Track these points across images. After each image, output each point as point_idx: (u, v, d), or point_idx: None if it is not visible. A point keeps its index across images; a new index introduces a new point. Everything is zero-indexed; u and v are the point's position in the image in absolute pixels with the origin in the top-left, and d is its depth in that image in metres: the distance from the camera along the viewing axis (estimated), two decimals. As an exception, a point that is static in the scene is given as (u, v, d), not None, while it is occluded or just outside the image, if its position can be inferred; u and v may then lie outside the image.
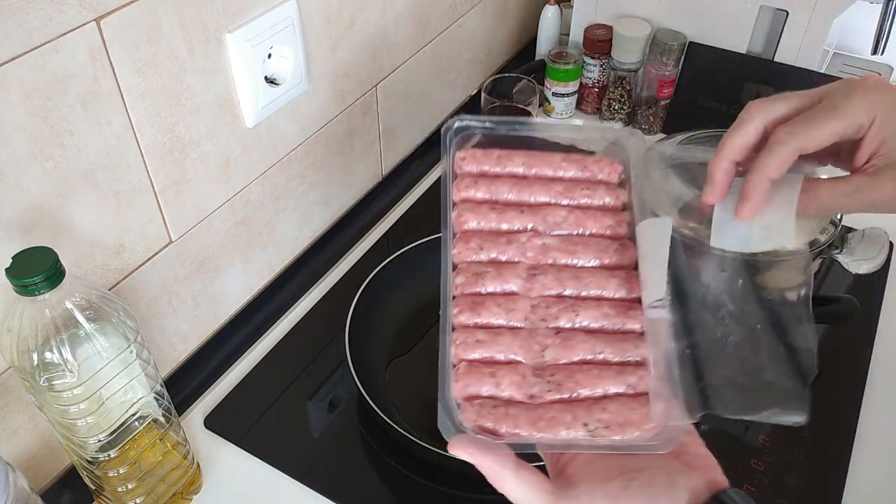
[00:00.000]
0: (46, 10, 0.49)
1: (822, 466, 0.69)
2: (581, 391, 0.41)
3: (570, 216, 0.48)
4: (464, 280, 0.46)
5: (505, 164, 0.50)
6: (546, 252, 0.47)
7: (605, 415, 0.40)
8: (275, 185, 0.79)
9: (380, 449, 0.70)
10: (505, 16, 1.18)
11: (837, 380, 0.77)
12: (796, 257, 0.75)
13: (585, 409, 0.40)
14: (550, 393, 0.41)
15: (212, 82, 0.65)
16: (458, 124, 0.51)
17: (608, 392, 0.41)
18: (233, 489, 0.68)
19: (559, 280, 0.46)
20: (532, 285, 0.46)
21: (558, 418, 0.40)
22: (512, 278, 0.46)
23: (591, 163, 0.51)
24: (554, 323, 0.44)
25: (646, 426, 0.40)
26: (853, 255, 0.76)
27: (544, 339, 0.43)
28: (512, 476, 0.38)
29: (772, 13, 0.97)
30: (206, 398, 0.75)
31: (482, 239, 0.47)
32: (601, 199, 0.50)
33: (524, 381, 0.42)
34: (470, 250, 0.47)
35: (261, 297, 0.84)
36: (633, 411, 0.40)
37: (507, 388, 0.41)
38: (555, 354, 0.43)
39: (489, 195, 0.49)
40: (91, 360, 0.52)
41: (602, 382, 0.41)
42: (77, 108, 0.54)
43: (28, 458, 0.62)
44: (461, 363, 0.42)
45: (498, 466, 0.38)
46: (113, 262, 0.63)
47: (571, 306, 0.45)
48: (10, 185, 0.52)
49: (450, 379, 0.42)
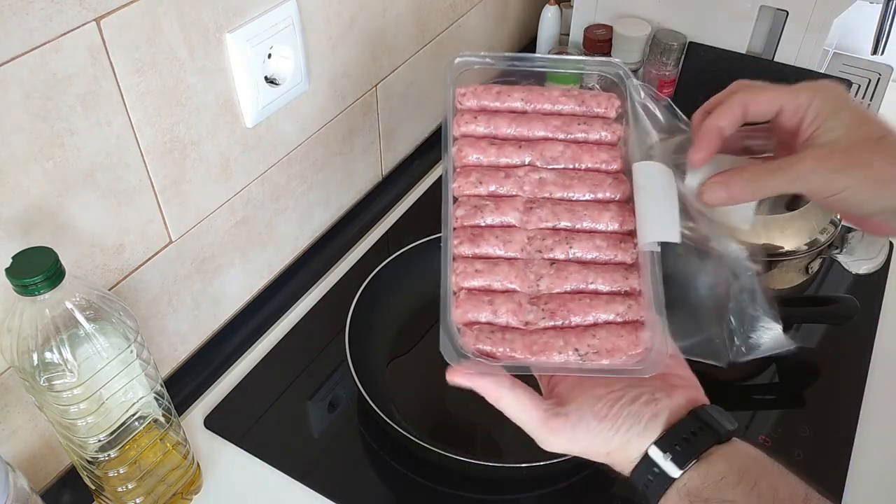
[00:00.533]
0: (46, 10, 0.49)
1: (822, 466, 0.69)
2: (573, 318, 0.44)
3: (566, 150, 0.50)
4: (464, 213, 0.48)
5: (504, 99, 0.52)
6: (542, 186, 0.49)
7: (595, 341, 0.43)
8: (275, 185, 0.79)
9: (380, 449, 0.70)
10: (505, 16, 1.18)
11: (837, 380, 0.77)
12: (795, 258, 0.75)
13: (576, 335, 0.43)
14: (544, 320, 0.44)
15: (212, 82, 0.65)
16: (458, 60, 0.53)
17: (598, 320, 0.44)
18: (233, 489, 0.68)
19: (554, 213, 0.48)
20: (528, 218, 0.48)
21: (551, 343, 0.43)
22: (509, 211, 0.48)
23: (588, 97, 0.52)
24: (549, 254, 0.47)
25: (632, 352, 0.43)
26: (853, 255, 0.76)
27: (539, 270, 0.46)
28: (509, 393, 0.42)
29: (772, 13, 0.97)
30: (206, 398, 0.75)
31: (481, 173, 0.49)
32: (597, 133, 0.51)
33: (520, 308, 0.44)
34: (469, 184, 0.49)
35: (261, 297, 0.84)
36: (621, 338, 0.43)
37: (504, 314, 0.44)
38: (549, 284, 0.45)
39: (488, 130, 0.51)
40: (91, 360, 0.52)
41: (592, 311, 0.44)
42: (77, 108, 0.54)
43: (28, 458, 0.62)
44: (461, 291, 0.45)
45: (496, 385, 0.42)
46: (113, 262, 0.63)
47: (566, 238, 0.47)
48: (10, 185, 0.52)
49: (451, 305, 0.44)
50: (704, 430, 0.40)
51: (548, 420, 0.41)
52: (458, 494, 0.67)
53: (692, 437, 0.40)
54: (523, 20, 1.24)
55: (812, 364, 0.80)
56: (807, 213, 0.76)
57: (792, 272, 0.78)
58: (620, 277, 0.46)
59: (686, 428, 0.41)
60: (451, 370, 0.42)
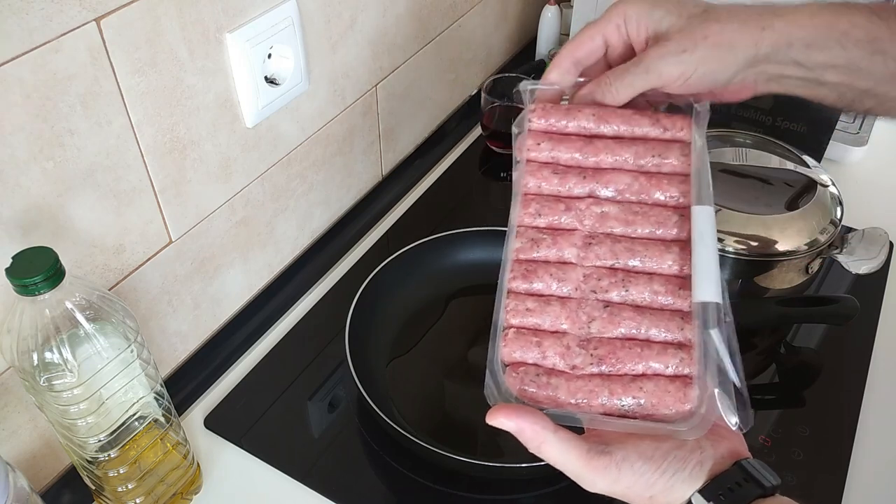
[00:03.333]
0: (46, 10, 0.50)
1: (822, 466, 0.69)
2: (621, 367, 0.43)
3: (634, 183, 0.48)
4: (520, 245, 0.47)
5: (574, 115, 0.50)
6: (604, 220, 0.47)
7: (641, 394, 0.42)
8: (275, 185, 0.79)
9: (380, 449, 0.70)
10: (505, 16, 1.18)
11: (837, 380, 0.77)
12: (795, 258, 0.75)
13: (622, 385, 0.42)
14: (592, 366, 0.43)
15: (212, 82, 0.65)
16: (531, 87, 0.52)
17: (647, 371, 0.43)
18: (233, 489, 0.68)
19: (613, 252, 0.46)
20: (586, 254, 0.46)
21: (596, 392, 0.42)
22: (567, 247, 0.46)
23: (663, 118, 0.49)
24: (603, 295, 0.45)
25: (678, 407, 0.41)
26: (853, 255, 0.76)
27: (592, 312, 0.45)
28: (553, 437, 0.41)
29: (772, 13, 0.97)
30: (206, 398, 0.75)
31: (541, 204, 0.48)
32: (672, 161, 0.48)
33: (568, 351, 0.43)
34: (528, 215, 0.48)
35: (261, 297, 0.84)
36: (668, 393, 0.42)
37: (552, 357, 0.43)
38: (600, 327, 0.44)
39: (552, 156, 0.49)
40: (91, 360, 0.52)
41: (642, 361, 0.43)
42: (77, 108, 0.54)
43: (28, 458, 0.62)
44: (510, 329, 0.44)
45: (540, 428, 0.40)
46: (113, 262, 0.63)
47: (622, 280, 0.45)
48: (10, 185, 0.52)
49: (499, 344, 0.44)
50: (749, 481, 0.40)
51: (591, 460, 0.40)
52: (458, 494, 0.67)
53: (736, 488, 0.40)
54: (523, 20, 1.24)
55: (812, 364, 0.80)
56: (807, 213, 0.76)
57: (792, 272, 0.78)
58: (675, 327, 0.44)
59: (731, 479, 0.40)
60: (495, 411, 0.41)
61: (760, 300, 0.79)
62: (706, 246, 0.45)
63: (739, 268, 0.76)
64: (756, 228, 0.75)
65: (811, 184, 0.79)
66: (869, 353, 0.79)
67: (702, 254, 0.44)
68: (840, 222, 0.77)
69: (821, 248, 0.75)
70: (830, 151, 0.99)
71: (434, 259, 0.83)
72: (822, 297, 0.79)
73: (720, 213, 0.75)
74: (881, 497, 0.68)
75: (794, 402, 0.76)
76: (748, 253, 0.74)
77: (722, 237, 0.74)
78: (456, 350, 0.79)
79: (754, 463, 0.41)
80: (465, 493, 0.67)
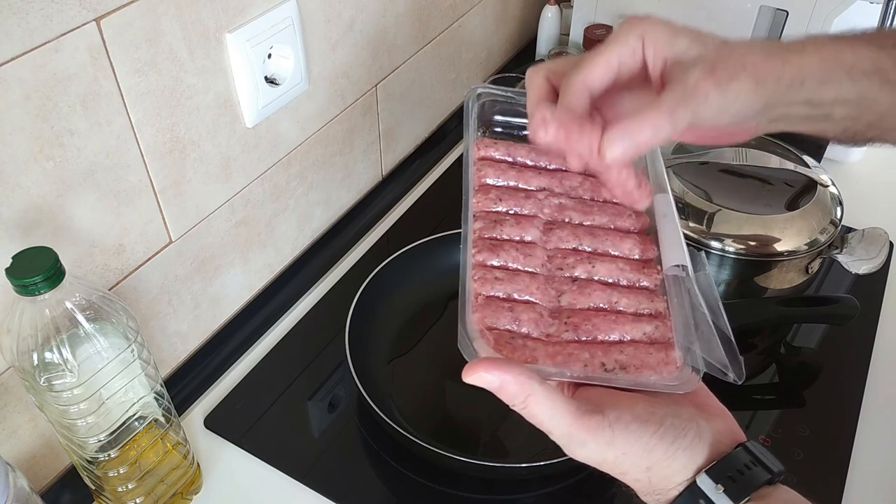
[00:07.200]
0: (46, 10, 0.50)
1: (822, 466, 0.68)
2: (597, 335, 0.42)
3: (585, 182, 0.50)
4: (482, 225, 0.46)
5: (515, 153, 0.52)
6: (562, 210, 0.48)
7: (623, 356, 0.40)
8: (275, 185, 0.79)
9: (380, 449, 0.70)
10: (505, 16, 1.18)
11: (837, 380, 0.77)
12: (795, 258, 0.75)
13: (603, 349, 0.41)
14: (567, 333, 0.42)
15: (212, 82, 0.65)
16: (480, 90, 0.52)
17: (624, 338, 0.42)
18: (233, 489, 0.68)
19: (575, 235, 0.47)
20: (548, 238, 0.46)
21: (576, 355, 0.40)
22: (529, 228, 0.46)
23: None
24: (570, 272, 0.45)
25: (662, 370, 0.40)
26: (853, 255, 0.76)
27: (561, 286, 0.44)
28: (539, 389, 0.36)
29: (772, 13, 0.97)
30: (206, 398, 0.75)
31: (500, 192, 0.48)
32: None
33: (541, 319, 0.42)
34: (489, 200, 0.48)
35: (261, 297, 0.84)
36: (650, 355, 0.41)
37: (525, 323, 0.41)
38: (571, 300, 0.43)
39: (508, 156, 0.51)
40: (91, 360, 0.52)
41: (618, 328, 0.42)
42: (77, 108, 0.54)
43: (28, 458, 0.62)
44: (479, 296, 0.42)
45: (525, 379, 0.36)
46: (113, 262, 0.63)
47: (588, 258, 0.45)
48: (10, 185, 0.52)
49: (469, 309, 0.41)
50: (757, 465, 0.38)
51: (582, 416, 0.36)
52: (458, 494, 0.67)
53: (745, 471, 0.37)
54: (523, 20, 1.24)
55: (812, 364, 0.80)
56: (807, 213, 0.76)
57: (792, 272, 0.78)
58: (646, 300, 0.44)
59: (738, 460, 0.38)
60: (471, 366, 0.37)
61: (760, 300, 0.79)
62: (670, 222, 0.45)
63: (739, 268, 0.76)
64: (756, 228, 0.75)
65: (811, 184, 0.79)
66: (869, 353, 0.79)
67: (666, 228, 0.45)
68: (840, 222, 0.77)
69: (821, 248, 0.75)
70: (830, 151, 1.00)
71: (434, 259, 0.83)
72: (822, 297, 0.79)
73: (720, 212, 0.75)
74: (881, 497, 0.68)
75: (794, 402, 0.76)
76: (748, 253, 0.74)
77: (722, 237, 0.74)
78: (456, 350, 0.79)
79: (760, 446, 0.39)
80: (466, 493, 0.67)
